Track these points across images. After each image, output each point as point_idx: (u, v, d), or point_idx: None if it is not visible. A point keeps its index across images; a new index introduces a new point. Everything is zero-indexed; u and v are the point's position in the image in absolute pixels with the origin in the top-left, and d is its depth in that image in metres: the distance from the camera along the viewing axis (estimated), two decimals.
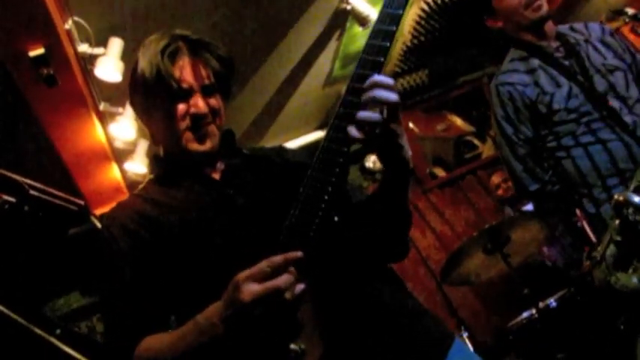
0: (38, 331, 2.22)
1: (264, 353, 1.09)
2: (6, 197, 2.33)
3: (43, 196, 2.52)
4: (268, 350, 1.09)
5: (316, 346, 1.08)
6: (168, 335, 1.22)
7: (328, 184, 1.12)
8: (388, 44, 1.13)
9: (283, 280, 1.03)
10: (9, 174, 2.36)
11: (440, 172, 5.43)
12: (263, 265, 1.04)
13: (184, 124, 1.36)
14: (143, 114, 1.46)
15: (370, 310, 1.25)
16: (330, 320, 1.12)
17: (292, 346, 1.08)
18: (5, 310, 2.15)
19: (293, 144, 5.10)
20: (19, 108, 2.93)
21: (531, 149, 2.22)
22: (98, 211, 4.02)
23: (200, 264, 1.26)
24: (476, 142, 5.61)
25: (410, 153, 1.22)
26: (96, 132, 3.51)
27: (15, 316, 2.16)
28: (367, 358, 1.19)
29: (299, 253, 1.06)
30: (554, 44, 2.24)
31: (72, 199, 2.79)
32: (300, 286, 1.04)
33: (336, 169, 1.12)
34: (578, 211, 2.14)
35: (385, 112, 1.12)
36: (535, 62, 2.22)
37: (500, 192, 4.52)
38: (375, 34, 1.15)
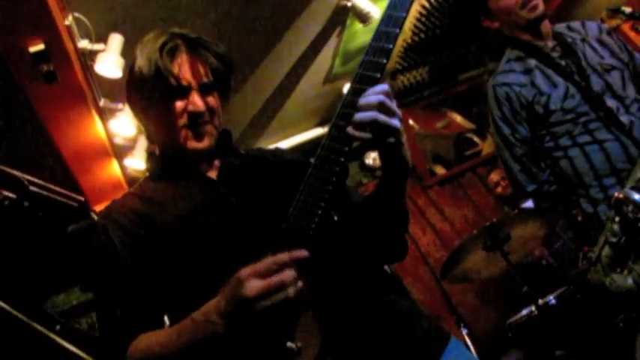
0: (38, 326, 2.23)
1: (260, 351, 1.10)
2: (6, 193, 2.34)
3: (43, 193, 2.53)
4: (265, 348, 1.09)
5: (313, 344, 1.08)
6: (163, 332, 1.23)
7: (328, 183, 1.12)
8: (391, 46, 1.15)
9: (287, 275, 1.03)
10: (9, 170, 2.37)
11: (440, 170, 5.43)
12: (267, 262, 1.04)
13: (182, 121, 1.35)
14: (140, 111, 1.45)
15: (367, 309, 1.26)
16: (327, 319, 1.13)
17: (289, 344, 1.08)
18: (5, 306, 2.16)
19: (293, 141, 5.11)
20: (19, 104, 2.93)
21: (528, 149, 2.22)
22: (98, 208, 4.02)
23: (195, 262, 1.26)
24: (476, 139, 5.60)
25: (409, 152, 1.22)
26: (96, 128, 3.51)
27: (15, 312, 2.18)
28: (363, 357, 1.19)
29: (304, 252, 1.06)
30: (551, 44, 2.24)
31: (72, 195, 2.81)
32: (301, 284, 1.04)
33: (336, 168, 1.13)
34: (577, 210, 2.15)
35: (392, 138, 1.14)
36: (532, 62, 2.22)
37: (499, 190, 4.52)
38: (378, 36, 1.17)
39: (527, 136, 2.21)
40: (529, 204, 3.43)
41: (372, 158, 5.20)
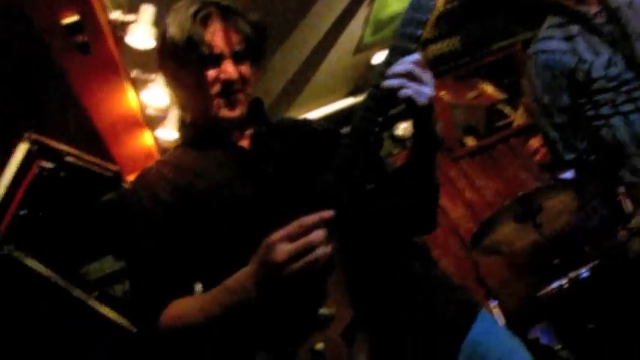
0: (77, 292, 2.30)
1: (293, 317, 1.11)
2: (44, 164, 2.38)
3: (79, 163, 2.57)
4: (298, 314, 1.10)
5: (345, 311, 1.09)
6: (195, 300, 1.24)
7: (362, 153, 1.12)
8: (427, 18, 1.14)
9: (315, 236, 1.03)
10: (47, 141, 2.41)
11: (470, 141, 5.37)
12: (295, 225, 1.05)
13: (214, 90, 1.35)
14: (172, 80, 1.45)
15: (398, 279, 1.26)
16: (359, 287, 1.13)
17: (322, 310, 1.09)
18: (46, 272, 2.23)
19: (322, 111, 5.10)
20: (55, 76, 2.97)
21: (568, 118, 2.18)
22: (130, 178, 4.07)
23: (226, 231, 1.27)
24: (507, 110, 5.52)
25: (439, 123, 1.22)
26: (128, 99, 3.54)
27: (56, 278, 2.24)
28: (395, 325, 1.20)
29: (331, 213, 1.06)
30: (595, 9, 2.17)
31: (106, 165, 2.85)
32: (331, 246, 1.04)
33: (370, 138, 1.13)
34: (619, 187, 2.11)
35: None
36: (574, 29, 2.16)
37: (538, 156, 4.42)
38: (414, 6, 1.15)
39: (567, 105, 2.17)
40: (568, 174, 3.38)
41: (402, 129, 5.16)
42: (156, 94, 3.53)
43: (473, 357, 1.24)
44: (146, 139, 4.09)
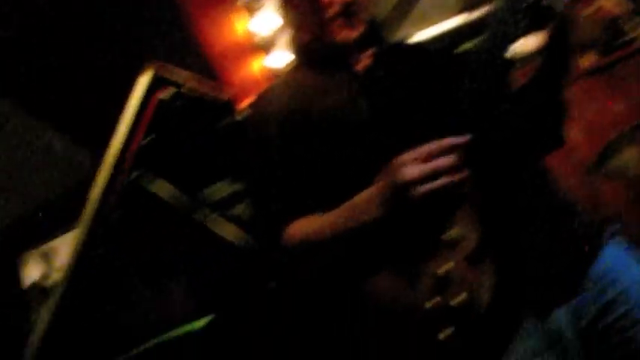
0: (201, 213, 2.43)
1: (418, 240, 1.10)
2: (162, 94, 2.49)
3: (194, 93, 2.66)
4: (422, 237, 1.10)
5: (470, 235, 1.08)
6: (318, 219, 1.24)
7: (497, 71, 1.07)
8: None
9: (448, 161, 1.01)
10: (165, 72, 2.50)
11: (589, 59, 5.03)
12: (429, 147, 1.03)
13: (332, 11, 1.33)
14: (287, 1, 1.43)
15: (520, 202, 1.22)
16: (483, 211, 1.10)
17: (446, 234, 1.08)
18: (172, 194, 2.37)
19: (434, 30, 4.93)
20: (170, 5, 3.05)
21: None
22: (242, 104, 4.16)
23: (342, 153, 1.26)
24: (632, 24, 5.08)
25: None
26: (238, 26, 3.58)
27: (182, 200, 2.38)
28: (517, 250, 1.17)
29: (466, 138, 1.03)
30: None
31: (220, 92, 2.93)
32: (463, 172, 1.02)
33: (503, 56, 1.07)
34: None
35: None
36: None
37: None
38: None
39: None
40: None
41: (516, 47, 4.90)
42: (266, 20, 3.54)
43: (600, 283, 1.20)
44: (255, 65, 4.13)
